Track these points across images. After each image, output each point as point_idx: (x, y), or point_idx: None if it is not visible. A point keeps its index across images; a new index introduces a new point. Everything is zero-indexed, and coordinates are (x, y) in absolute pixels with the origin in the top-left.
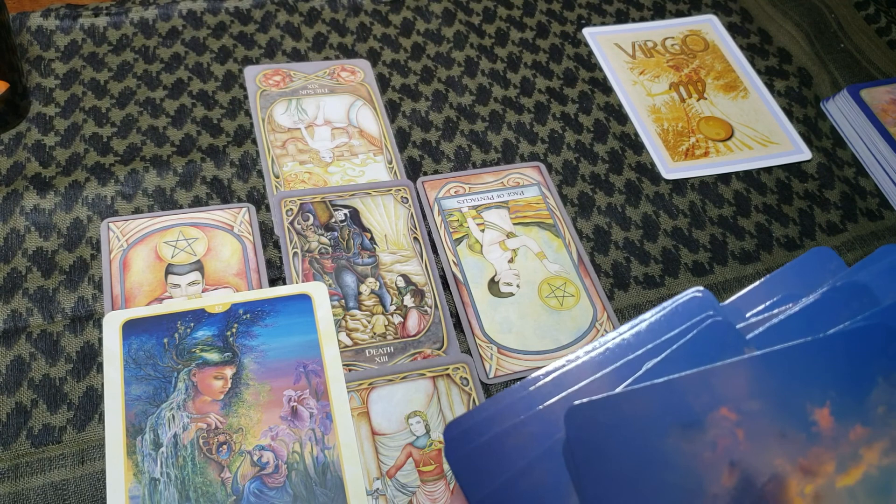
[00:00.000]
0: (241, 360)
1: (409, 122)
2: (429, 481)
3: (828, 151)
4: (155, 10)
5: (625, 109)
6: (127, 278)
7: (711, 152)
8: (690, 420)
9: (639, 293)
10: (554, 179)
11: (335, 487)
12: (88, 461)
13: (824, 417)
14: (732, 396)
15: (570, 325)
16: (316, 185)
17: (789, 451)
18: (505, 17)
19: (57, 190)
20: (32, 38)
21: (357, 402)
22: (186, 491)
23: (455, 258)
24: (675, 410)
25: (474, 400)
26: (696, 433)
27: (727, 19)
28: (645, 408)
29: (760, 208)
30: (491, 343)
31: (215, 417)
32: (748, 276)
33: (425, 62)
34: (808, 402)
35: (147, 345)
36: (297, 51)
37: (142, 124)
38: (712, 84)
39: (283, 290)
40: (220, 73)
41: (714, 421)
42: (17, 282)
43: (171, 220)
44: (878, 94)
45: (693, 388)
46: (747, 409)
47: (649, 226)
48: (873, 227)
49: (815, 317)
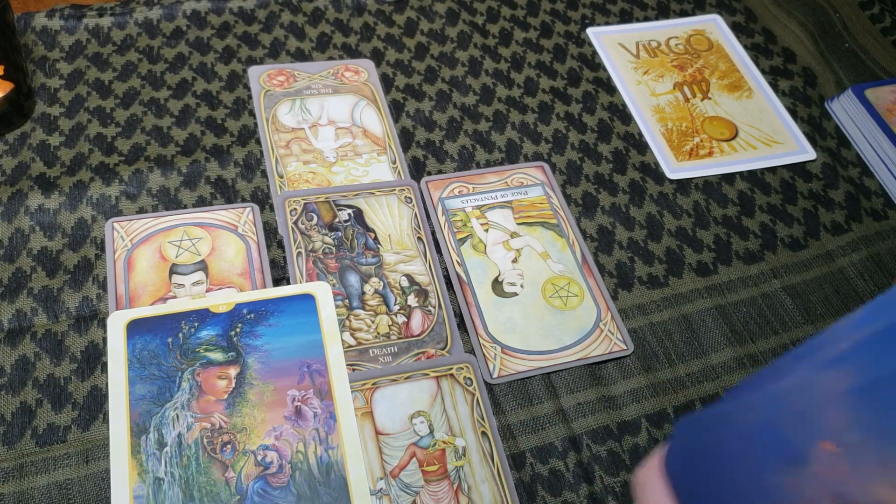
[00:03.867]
0: (245, 360)
1: (413, 122)
2: (432, 481)
3: (832, 151)
4: (159, 11)
5: (629, 109)
6: (131, 278)
7: (715, 152)
8: (793, 455)
9: (643, 293)
10: (558, 179)
11: (339, 487)
12: (93, 460)
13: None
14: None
15: (574, 325)
16: (320, 185)
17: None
18: (509, 16)
19: (61, 190)
20: (37, 38)
21: (361, 402)
22: (190, 490)
23: (459, 258)
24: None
25: (478, 400)
26: (800, 467)
27: (731, 19)
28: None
29: (765, 208)
30: (495, 343)
31: (219, 417)
32: (752, 276)
33: (429, 62)
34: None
35: (151, 344)
36: (300, 51)
37: (146, 124)
38: (716, 84)
39: (286, 290)
40: (224, 74)
41: (816, 455)
42: (21, 282)
43: (175, 220)
44: (882, 93)
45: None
46: (849, 441)
47: (653, 226)
48: (878, 227)
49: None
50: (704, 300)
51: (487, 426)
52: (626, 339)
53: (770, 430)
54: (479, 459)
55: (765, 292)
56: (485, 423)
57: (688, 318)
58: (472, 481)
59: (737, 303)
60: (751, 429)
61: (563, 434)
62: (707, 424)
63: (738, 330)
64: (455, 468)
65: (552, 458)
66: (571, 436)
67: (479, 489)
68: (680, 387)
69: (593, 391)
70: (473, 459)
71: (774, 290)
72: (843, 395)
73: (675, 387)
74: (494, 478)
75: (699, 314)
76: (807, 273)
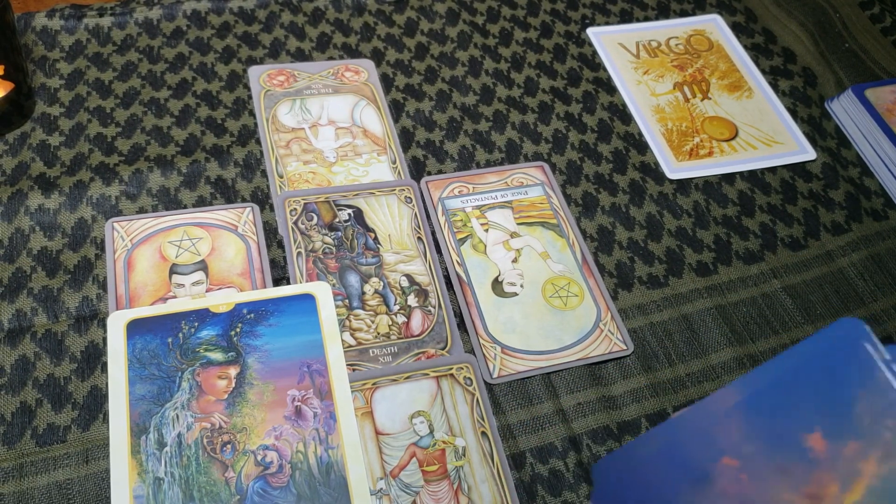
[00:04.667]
0: (245, 360)
1: (413, 122)
2: (432, 481)
3: (832, 151)
4: (159, 11)
5: (629, 109)
6: (131, 278)
7: (715, 152)
8: (698, 475)
9: (643, 293)
10: (558, 179)
11: (339, 487)
12: (93, 460)
13: (818, 442)
14: (730, 444)
15: (574, 325)
16: (320, 185)
17: (793, 483)
18: (509, 16)
19: (61, 190)
20: (37, 38)
21: (361, 402)
22: (190, 490)
23: (459, 258)
24: (683, 467)
25: (478, 400)
26: (706, 486)
27: (731, 19)
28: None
29: (765, 208)
30: (494, 343)
31: (219, 417)
32: (752, 276)
33: (429, 62)
34: (799, 431)
35: (151, 344)
36: (301, 51)
37: (146, 124)
38: (716, 84)
39: (286, 290)
40: (224, 73)
41: (719, 471)
42: (21, 282)
43: (175, 220)
44: (882, 93)
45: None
46: (745, 453)
47: (653, 226)
48: (878, 228)
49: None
50: (704, 300)
51: (487, 426)
52: (626, 339)
53: (673, 455)
54: (479, 459)
55: (765, 292)
56: (485, 423)
57: (688, 318)
58: (472, 481)
59: (737, 303)
60: (656, 457)
61: (563, 434)
62: (619, 463)
63: (738, 330)
64: (455, 468)
65: (552, 458)
66: (571, 436)
67: (479, 489)
68: (680, 387)
69: (593, 391)
70: (473, 459)
71: (774, 290)
72: (734, 408)
73: (675, 387)
74: (494, 478)
75: (699, 314)
76: (807, 273)
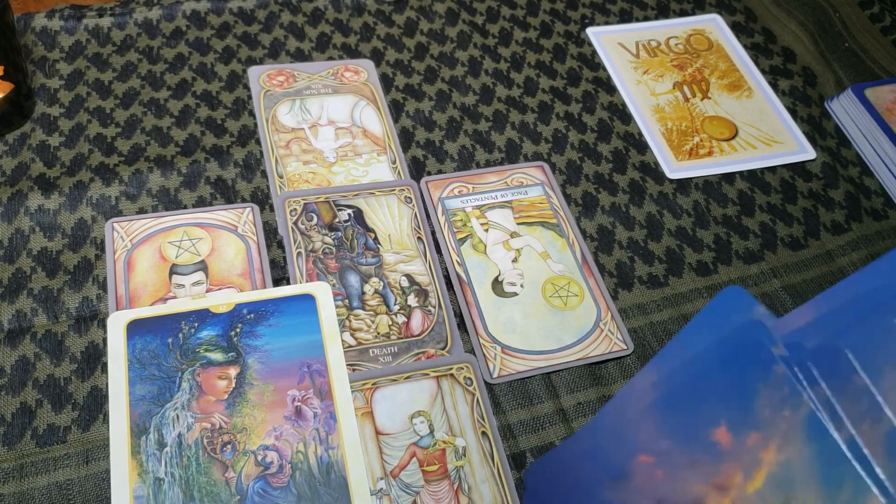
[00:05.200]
0: (246, 360)
1: (413, 122)
2: (432, 481)
3: (832, 151)
4: (159, 11)
5: (628, 109)
6: (131, 278)
7: (715, 152)
8: (616, 472)
9: (643, 293)
10: (558, 179)
11: (339, 487)
12: (93, 461)
13: (723, 435)
14: (645, 441)
15: (574, 324)
16: (320, 185)
17: (702, 475)
18: (508, 16)
19: (61, 190)
20: (37, 38)
21: (361, 402)
22: (191, 490)
23: (459, 258)
24: (604, 465)
25: (478, 400)
26: (624, 482)
27: (731, 18)
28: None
29: (765, 208)
30: (495, 343)
31: (219, 417)
32: (752, 275)
33: (429, 62)
34: (707, 426)
35: (151, 345)
36: (300, 51)
37: (146, 125)
38: (716, 83)
39: (286, 290)
40: (224, 74)
41: (636, 468)
42: (21, 282)
43: (175, 221)
44: (882, 93)
45: (613, 442)
46: (660, 450)
47: (653, 225)
48: (878, 227)
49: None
50: (704, 300)
51: (487, 426)
52: (626, 338)
53: (596, 455)
54: (480, 459)
55: (765, 292)
56: (485, 423)
57: (688, 317)
58: (473, 481)
59: None
60: (581, 458)
61: (564, 434)
62: (546, 466)
63: None
64: (455, 468)
65: None
66: (572, 436)
67: (480, 489)
68: None
69: (593, 391)
70: (473, 459)
71: (774, 289)
72: (649, 407)
73: None
74: (494, 478)
75: None
76: (807, 273)
